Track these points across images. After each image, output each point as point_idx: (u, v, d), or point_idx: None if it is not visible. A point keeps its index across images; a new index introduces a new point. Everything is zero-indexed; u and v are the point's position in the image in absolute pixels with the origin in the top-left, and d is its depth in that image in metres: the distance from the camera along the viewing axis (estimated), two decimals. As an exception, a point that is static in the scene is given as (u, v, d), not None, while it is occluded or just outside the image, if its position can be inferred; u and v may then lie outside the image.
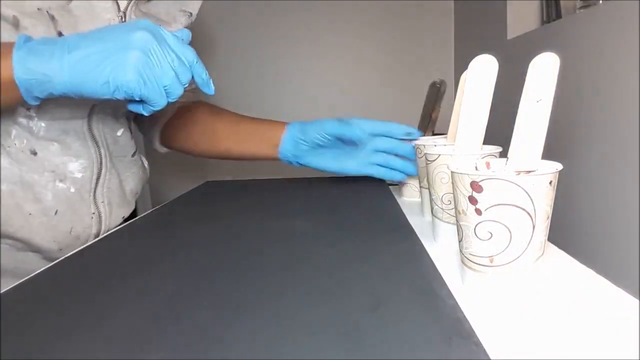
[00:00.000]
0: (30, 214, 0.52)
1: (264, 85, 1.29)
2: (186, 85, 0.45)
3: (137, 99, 0.43)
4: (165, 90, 0.43)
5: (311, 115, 0.76)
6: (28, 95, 0.42)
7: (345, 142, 0.66)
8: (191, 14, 0.64)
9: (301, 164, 0.71)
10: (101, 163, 0.58)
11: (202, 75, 0.46)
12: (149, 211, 0.61)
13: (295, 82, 1.36)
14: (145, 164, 0.73)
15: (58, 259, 0.43)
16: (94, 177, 0.57)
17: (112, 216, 0.61)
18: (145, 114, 0.45)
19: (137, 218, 0.59)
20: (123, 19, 0.54)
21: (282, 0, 1.50)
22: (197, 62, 0.45)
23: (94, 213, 0.58)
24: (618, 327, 0.27)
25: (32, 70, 0.40)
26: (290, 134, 0.69)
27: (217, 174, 1.29)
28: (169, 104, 0.45)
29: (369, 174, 0.67)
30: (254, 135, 0.72)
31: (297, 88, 1.34)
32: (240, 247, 0.43)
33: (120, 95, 0.42)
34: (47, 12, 0.48)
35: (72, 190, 0.55)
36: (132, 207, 0.67)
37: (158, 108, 0.44)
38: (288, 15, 1.51)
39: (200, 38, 0.66)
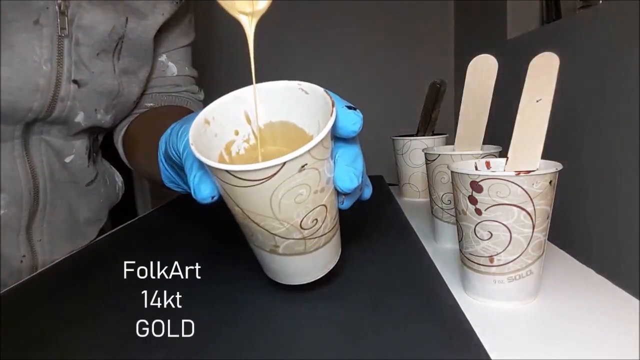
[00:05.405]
0: None
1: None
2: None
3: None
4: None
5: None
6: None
7: None
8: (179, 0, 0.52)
9: (179, 190, 0.45)
10: (37, 196, 0.46)
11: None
12: (148, 211, 0.61)
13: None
14: (119, 181, 0.60)
15: None
16: (25, 213, 0.46)
17: (55, 254, 0.49)
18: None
19: (137, 218, 0.59)
20: (61, 7, 0.41)
21: (280, 0, 1.50)
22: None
23: (24, 256, 0.46)
24: (618, 327, 0.27)
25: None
26: (160, 153, 0.45)
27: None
28: None
29: None
30: (153, 155, 0.48)
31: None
32: (240, 247, 0.43)
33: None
34: None
35: None
36: (91, 237, 0.54)
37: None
38: (287, 15, 1.51)
39: (201, 37, 0.65)
